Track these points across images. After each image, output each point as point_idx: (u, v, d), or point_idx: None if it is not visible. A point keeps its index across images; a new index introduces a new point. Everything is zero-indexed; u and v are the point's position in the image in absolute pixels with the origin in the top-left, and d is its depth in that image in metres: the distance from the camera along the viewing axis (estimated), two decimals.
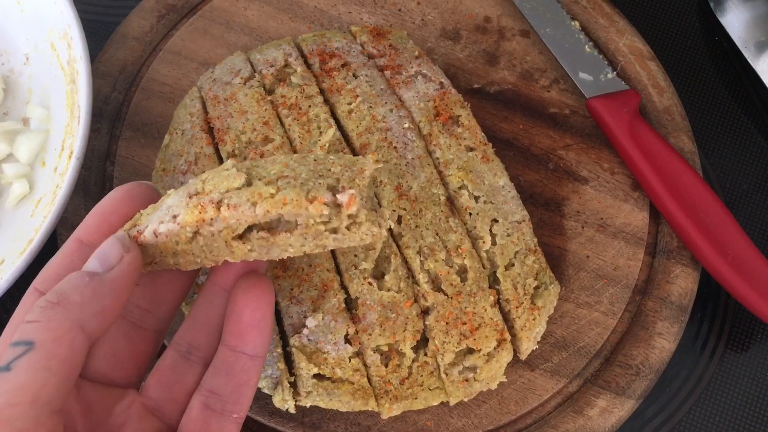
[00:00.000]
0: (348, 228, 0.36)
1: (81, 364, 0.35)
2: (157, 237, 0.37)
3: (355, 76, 0.59)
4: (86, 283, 0.36)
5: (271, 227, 0.36)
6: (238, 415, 0.40)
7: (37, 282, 0.40)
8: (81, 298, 0.35)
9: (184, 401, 0.41)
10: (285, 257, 0.38)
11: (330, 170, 0.37)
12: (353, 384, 0.51)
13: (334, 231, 0.36)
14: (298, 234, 0.36)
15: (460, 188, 0.55)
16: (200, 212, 0.36)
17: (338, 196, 0.36)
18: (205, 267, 0.39)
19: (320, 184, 0.36)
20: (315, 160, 0.38)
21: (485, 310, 0.52)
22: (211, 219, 0.36)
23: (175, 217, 0.37)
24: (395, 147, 0.56)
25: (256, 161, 0.39)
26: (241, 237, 0.37)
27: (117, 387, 0.41)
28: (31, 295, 0.39)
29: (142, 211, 0.40)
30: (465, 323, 0.52)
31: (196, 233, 0.36)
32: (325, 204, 0.35)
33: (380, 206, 0.38)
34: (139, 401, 0.41)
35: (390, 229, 0.54)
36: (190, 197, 0.37)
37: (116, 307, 0.37)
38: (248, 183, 0.36)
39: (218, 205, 0.36)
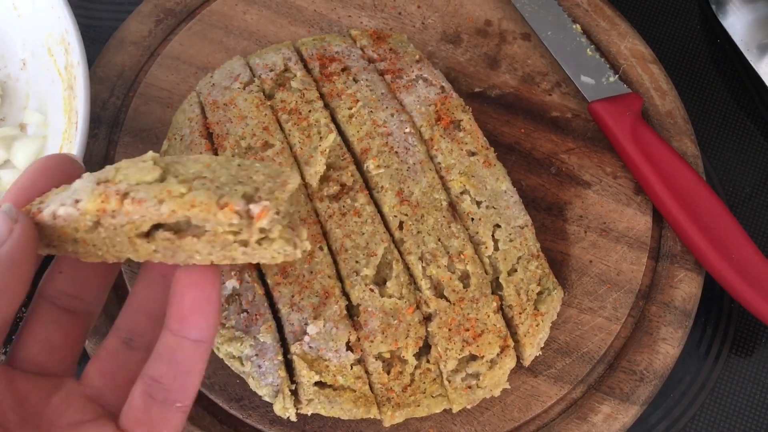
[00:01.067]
0: (259, 243, 0.34)
1: None
2: (55, 219, 0.35)
3: (355, 80, 0.59)
4: None
5: (178, 229, 0.34)
6: (183, 404, 0.37)
7: None
8: None
9: (126, 389, 0.39)
10: (191, 263, 0.35)
11: (251, 178, 0.35)
12: (355, 391, 0.51)
13: (244, 243, 0.34)
14: (206, 240, 0.34)
15: (462, 193, 0.55)
16: (102, 201, 0.33)
17: (252, 206, 0.33)
18: (107, 261, 0.36)
19: (236, 190, 0.34)
20: (239, 165, 0.36)
21: (488, 316, 0.52)
22: (114, 211, 0.33)
23: (77, 201, 0.34)
24: (396, 152, 0.55)
25: (179, 157, 0.36)
26: (146, 235, 0.34)
27: (52, 376, 0.39)
28: None
29: (54, 189, 0.37)
30: (468, 330, 0.51)
31: (97, 223, 0.34)
32: (236, 212, 0.33)
33: (300, 226, 0.36)
34: (78, 390, 0.39)
35: (391, 235, 0.53)
36: (98, 184, 0.34)
37: (20, 284, 0.34)
38: (162, 179, 0.34)
39: (123, 196, 0.33)
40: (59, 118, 0.60)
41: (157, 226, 0.34)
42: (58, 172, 0.38)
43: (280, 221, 0.34)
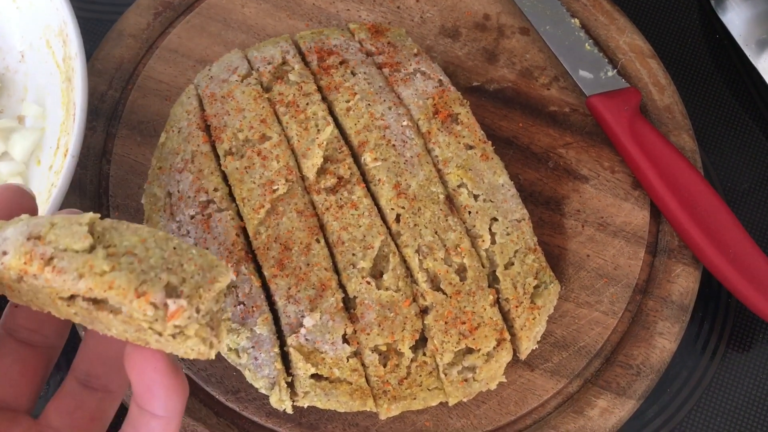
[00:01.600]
0: (173, 336, 0.33)
1: None
2: None
3: (353, 73, 0.59)
4: None
5: (97, 301, 0.33)
6: None
7: None
8: None
9: (86, 427, 0.38)
10: (109, 335, 0.34)
11: (182, 266, 0.33)
12: (351, 384, 0.51)
13: (159, 333, 0.33)
14: (121, 320, 0.33)
15: (459, 186, 0.55)
16: (25, 263, 0.32)
17: (169, 301, 0.32)
18: (34, 309, 0.36)
19: (160, 279, 0.32)
20: (174, 248, 0.34)
21: (484, 309, 0.52)
22: (34, 274, 0.32)
23: (5, 253, 0.33)
24: (394, 145, 0.55)
25: (119, 223, 0.35)
26: (68, 299, 0.33)
27: (8, 410, 0.38)
28: None
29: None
30: (464, 323, 0.51)
31: (20, 279, 0.33)
32: (151, 304, 0.32)
33: (221, 325, 0.35)
34: (36, 428, 0.38)
35: (389, 228, 0.53)
36: (29, 239, 0.33)
37: None
38: (92, 248, 0.33)
39: (47, 262, 0.32)
40: (57, 111, 0.60)
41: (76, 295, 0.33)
42: (7, 204, 0.37)
43: (198, 320, 0.33)
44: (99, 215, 0.35)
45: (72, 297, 0.33)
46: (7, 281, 0.34)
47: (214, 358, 0.37)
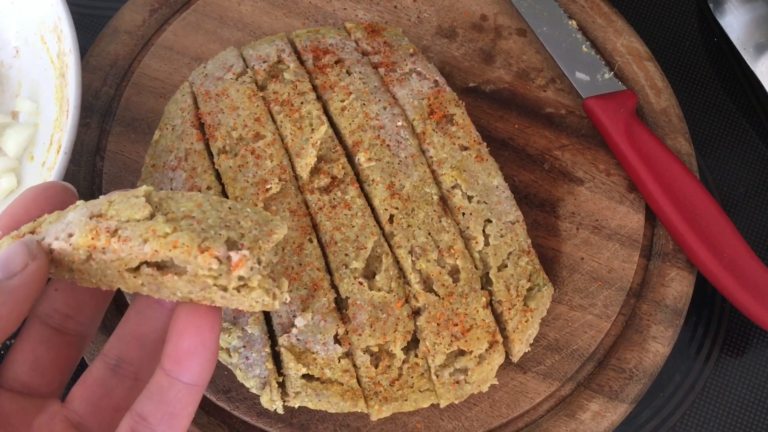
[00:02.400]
0: (237, 289, 0.34)
1: None
2: (51, 252, 0.36)
3: (348, 73, 0.58)
4: None
5: (162, 266, 0.34)
6: None
7: None
8: None
9: (111, 417, 0.38)
10: (174, 300, 0.35)
11: (239, 223, 0.35)
12: (342, 385, 0.50)
13: (223, 288, 0.34)
14: (186, 280, 0.34)
15: (453, 188, 0.55)
16: (93, 238, 0.34)
17: (232, 254, 0.34)
18: (101, 288, 0.37)
19: (221, 235, 0.34)
20: (230, 208, 0.36)
21: (477, 311, 0.51)
22: (103, 248, 0.34)
23: (70, 236, 0.35)
24: (388, 145, 0.55)
25: (174, 193, 0.37)
26: (134, 270, 0.35)
27: (37, 396, 0.38)
28: None
29: (47, 215, 0.38)
30: (456, 324, 0.51)
31: (89, 257, 0.35)
32: (216, 258, 0.33)
33: (282, 277, 0.36)
34: (62, 414, 0.38)
35: (381, 229, 0.53)
36: (91, 218, 0.35)
37: (15, 317, 0.34)
38: (152, 215, 0.35)
39: (113, 234, 0.34)
40: (51, 107, 0.60)
41: (143, 262, 0.34)
42: (52, 201, 0.38)
43: (260, 271, 0.34)
44: (152, 188, 0.37)
45: (138, 267, 0.34)
46: (77, 264, 0.35)
47: (278, 308, 0.39)
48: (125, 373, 0.39)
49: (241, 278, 0.34)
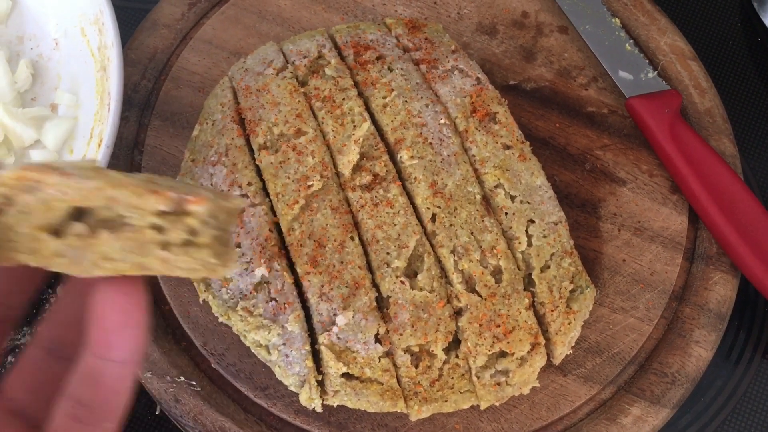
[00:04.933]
0: (183, 246, 0.30)
1: None
2: None
3: (390, 69, 0.58)
4: None
5: (95, 224, 0.30)
6: (112, 424, 0.34)
7: None
8: None
9: (53, 401, 0.35)
10: (92, 276, 0.30)
11: (197, 190, 0.31)
12: (382, 384, 0.50)
13: (165, 246, 0.30)
14: (124, 238, 0.30)
15: (496, 187, 0.54)
16: (25, 170, 0.29)
17: (189, 196, 0.29)
18: None
19: (173, 187, 0.30)
20: (190, 183, 0.33)
21: (519, 312, 0.51)
22: (36, 182, 0.29)
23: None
24: (430, 143, 0.54)
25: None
26: (56, 232, 0.29)
27: None
28: None
29: None
30: (498, 326, 0.50)
31: (6, 203, 0.29)
32: (169, 199, 0.29)
33: (233, 249, 0.32)
34: None
35: (424, 227, 0.53)
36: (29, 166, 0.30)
37: None
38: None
39: (54, 169, 0.29)
40: (91, 100, 0.60)
41: (73, 215, 0.30)
42: None
43: (214, 227, 0.30)
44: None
45: (61, 228, 0.29)
46: None
47: (221, 277, 0.33)
48: (65, 356, 0.36)
49: (191, 230, 0.30)
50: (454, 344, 0.51)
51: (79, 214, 0.30)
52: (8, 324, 0.36)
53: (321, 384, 0.51)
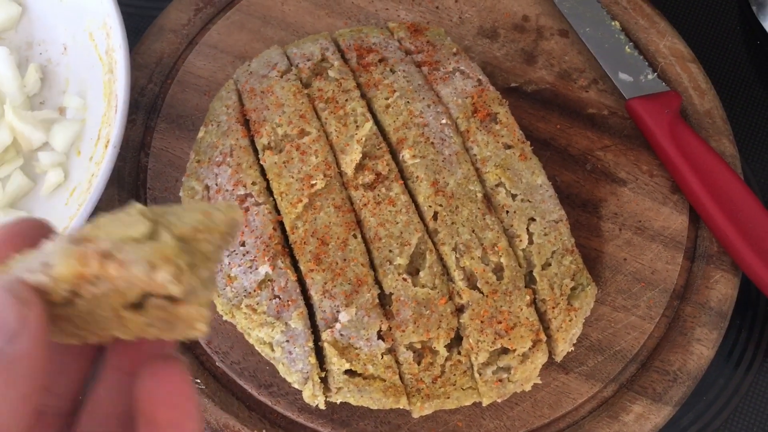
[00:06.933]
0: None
1: None
2: None
3: (392, 71, 0.59)
4: None
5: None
6: None
7: None
8: None
9: None
10: (193, 337, 0.28)
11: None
12: (385, 381, 0.50)
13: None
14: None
15: (497, 186, 0.55)
16: (81, 264, 0.25)
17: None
18: (87, 342, 0.29)
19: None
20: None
21: (521, 309, 0.51)
22: (95, 277, 0.26)
23: (50, 266, 0.26)
24: (432, 143, 0.55)
25: (172, 207, 0.29)
26: (137, 306, 0.27)
27: None
28: None
29: (18, 255, 0.28)
30: (500, 322, 0.51)
31: (75, 295, 0.26)
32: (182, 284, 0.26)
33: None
34: None
35: (425, 225, 0.53)
36: (74, 243, 0.26)
37: (36, 393, 0.26)
38: (154, 234, 0.27)
39: (106, 257, 0.26)
40: (98, 102, 0.61)
41: (148, 294, 0.27)
42: (22, 239, 0.30)
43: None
44: (144, 206, 0.29)
45: (142, 302, 0.27)
46: (58, 308, 0.27)
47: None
48: None
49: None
50: (456, 341, 0.51)
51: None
52: (61, 419, 0.32)
53: (324, 381, 0.51)
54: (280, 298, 0.51)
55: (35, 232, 0.30)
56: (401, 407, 0.51)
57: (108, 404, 0.32)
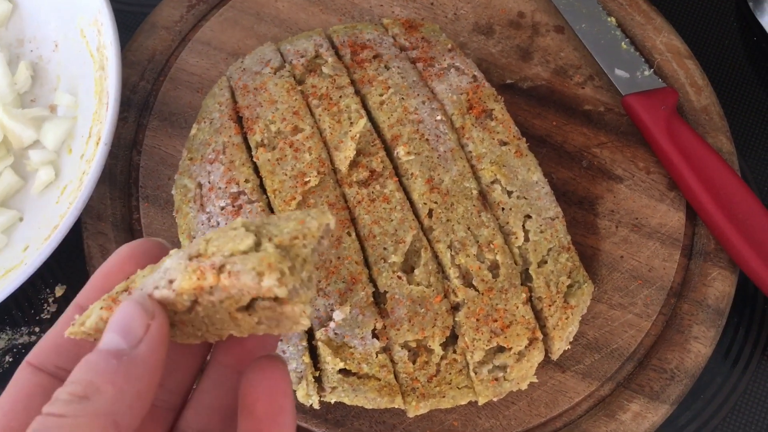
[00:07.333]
0: None
1: None
2: None
3: (386, 67, 0.58)
4: (115, 368, 0.29)
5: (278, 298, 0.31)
6: None
7: (32, 356, 0.33)
8: (113, 387, 0.29)
9: None
10: (298, 330, 0.32)
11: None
12: (379, 380, 0.50)
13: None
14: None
15: (492, 183, 0.54)
16: (198, 278, 0.30)
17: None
18: (206, 341, 0.34)
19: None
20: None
21: (517, 307, 0.51)
22: (211, 287, 0.30)
23: (171, 282, 0.31)
24: (427, 139, 0.55)
25: (269, 218, 0.34)
26: (247, 308, 0.31)
27: None
28: (25, 371, 0.33)
29: (140, 271, 0.34)
30: (496, 320, 0.50)
31: (194, 303, 0.31)
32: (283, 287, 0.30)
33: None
34: None
35: (420, 223, 0.53)
36: (191, 259, 0.32)
37: (151, 391, 0.30)
38: (257, 244, 0.31)
39: (219, 270, 0.30)
40: (90, 100, 0.60)
41: (257, 297, 0.31)
42: (145, 257, 0.35)
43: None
44: (246, 219, 0.35)
45: (252, 305, 0.31)
46: (179, 314, 0.32)
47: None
48: None
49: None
50: (452, 339, 0.51)
51: None
52: (171, 413, 0.36)
53: (318, 380, 0.51)
54: None
55: (156, 251, 0.36)
56: (396, 407, 0.51)
57: (213, 398, 0.36)
